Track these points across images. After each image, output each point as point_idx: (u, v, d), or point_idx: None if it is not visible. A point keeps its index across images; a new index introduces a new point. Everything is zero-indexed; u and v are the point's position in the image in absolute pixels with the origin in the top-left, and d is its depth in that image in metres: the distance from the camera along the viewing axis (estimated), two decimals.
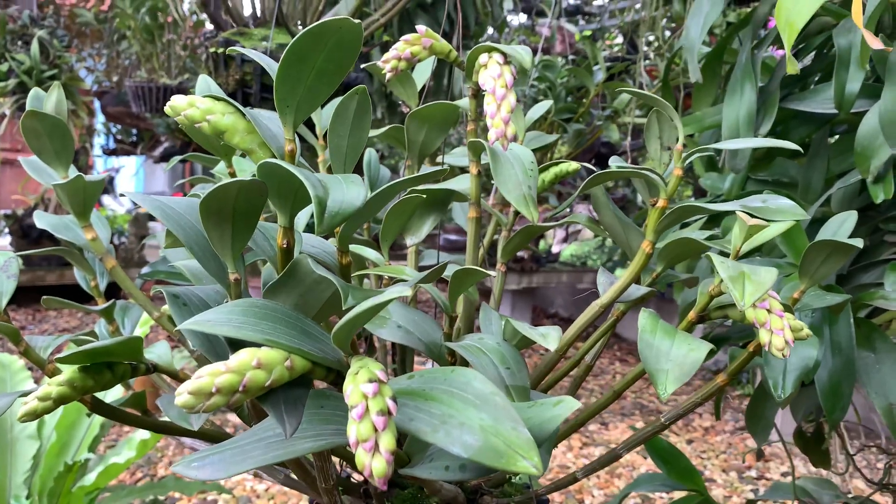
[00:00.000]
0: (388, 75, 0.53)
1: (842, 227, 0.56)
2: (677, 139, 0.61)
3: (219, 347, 0.38)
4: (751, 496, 2.41)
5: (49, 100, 0.59)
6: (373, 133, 0.65)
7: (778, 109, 0.86)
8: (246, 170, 0.56)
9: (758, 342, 0.50)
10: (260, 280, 0.45)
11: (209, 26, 1.90)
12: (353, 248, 0.52)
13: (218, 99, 0.34)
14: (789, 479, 1.97)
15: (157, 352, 0.48)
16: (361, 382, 0.26)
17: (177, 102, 0.34)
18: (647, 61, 1.81)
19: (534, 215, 0.50)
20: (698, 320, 0.47)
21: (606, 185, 0.63)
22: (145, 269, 0.69)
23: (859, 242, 0.48)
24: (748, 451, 2.67)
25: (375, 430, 0.25)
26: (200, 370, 0.27)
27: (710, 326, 0.97)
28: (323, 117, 0.72)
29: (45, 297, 0.55)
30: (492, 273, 0.52)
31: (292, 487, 0.61)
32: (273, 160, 0.28)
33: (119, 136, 3.33)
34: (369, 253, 0.54)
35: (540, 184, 0.63)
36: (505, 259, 0.63)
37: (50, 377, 0.49)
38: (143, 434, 1.19)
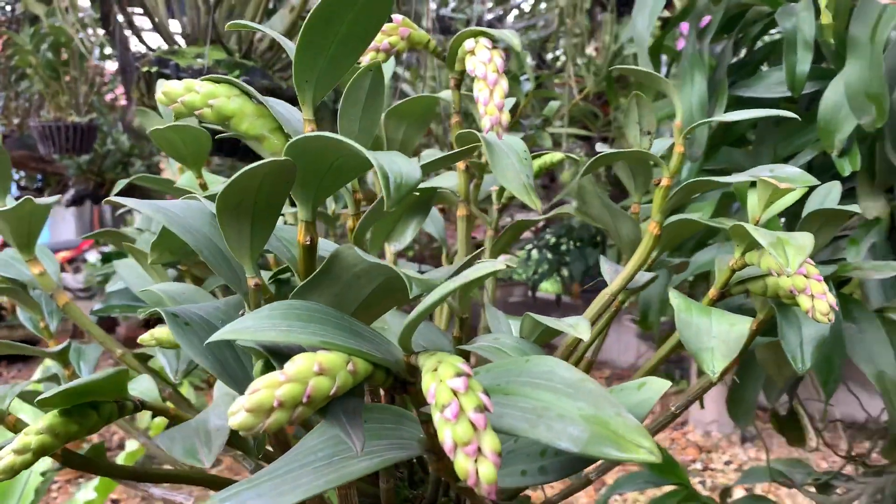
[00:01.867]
0: (381, 56, 0.49)
1: (828, 196, 0.55)
2: (657, 123, 0.60)
3: (231, 369, 0.33)
4: (699, 488, 2.45)
5: None
6: None
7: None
8: (214, 182, 0.51)
9: (759, 320, 0.49)
10: None
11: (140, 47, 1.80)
12: None
13: (219, 81, 0.30)
14: (758, 463, 2.01)
15: (141, 387, 0.43)
16: (448, 378, 0.22)
17: (172, 87, 0.30)
18: (576, 67, 1.84)
19: (536, 204, 0.48)
20: (719, 297, 0.45)
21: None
22: (97, 306, 0.63)
23: (855, 208, 0.48)
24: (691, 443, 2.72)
25: (475, 429, 0.22)
26: (254, 384, 0.22)
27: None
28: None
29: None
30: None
31: None
32: (317, 133, 0.24)
33: (23, 183, 3.14)
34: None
35: None
36: (494, 258, 0.60)
37: (12, 430, 0.43)
38: (89, 495, 1.09)
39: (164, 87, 0.30)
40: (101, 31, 2.33)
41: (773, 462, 1.05)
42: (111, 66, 2.62)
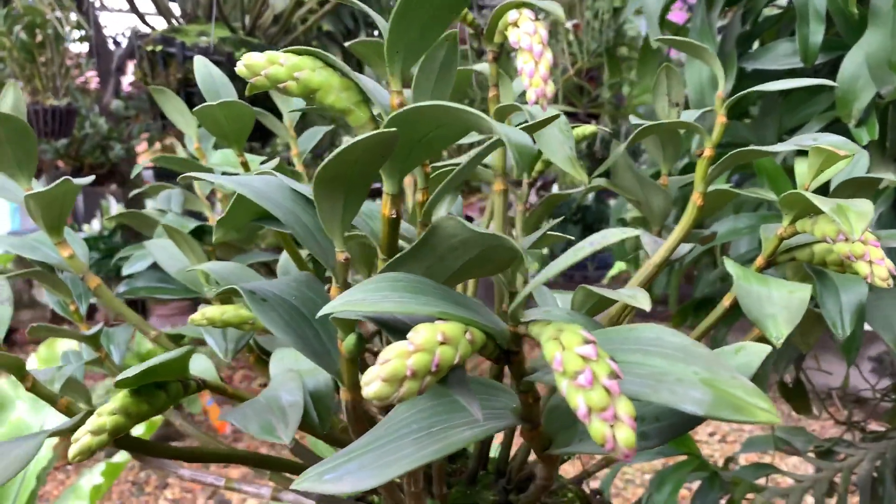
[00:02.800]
0: None
1: (857, 165, 0.56)
2: (686, 96, 0.60)
3: (311, 344, 0.33)
4: (705, 437, 2.51)
5: (6, 99, 0.51)
6: None
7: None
8: (254, 161, 0.50)
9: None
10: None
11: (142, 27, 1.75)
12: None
13: (302, 52, 0.29)
14: (759, 433, 2.05)
15: (199, 367, 0.42)
16: (576, 345, 0.23)
17: (254, 60, 0.29)
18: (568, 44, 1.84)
19: (583, 176, 0.48)
20: (766, 265, 0.45)
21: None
22: (122, 288, 0.62)
23: (889, 175, 0.49)
24: None
25: (610, 395, 0.22)
26: (385, 353, 0.22)
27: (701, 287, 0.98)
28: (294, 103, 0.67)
29: (32, 325, 0.47)
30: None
31: None
32: (431, 102, 0.24)
33: None
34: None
35: None
36: (527, 234, 0.60)
37: (64, 413, 0.42)
38: (95, 479, 1.08)
39: (246, 60, 0.29)
40: (73, 16, 2.27)
41: (776, 430, 1.08)
42: (77, 48, 2.55)
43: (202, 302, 0.57)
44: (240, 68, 0.29)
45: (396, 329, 0.26)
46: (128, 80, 2.84)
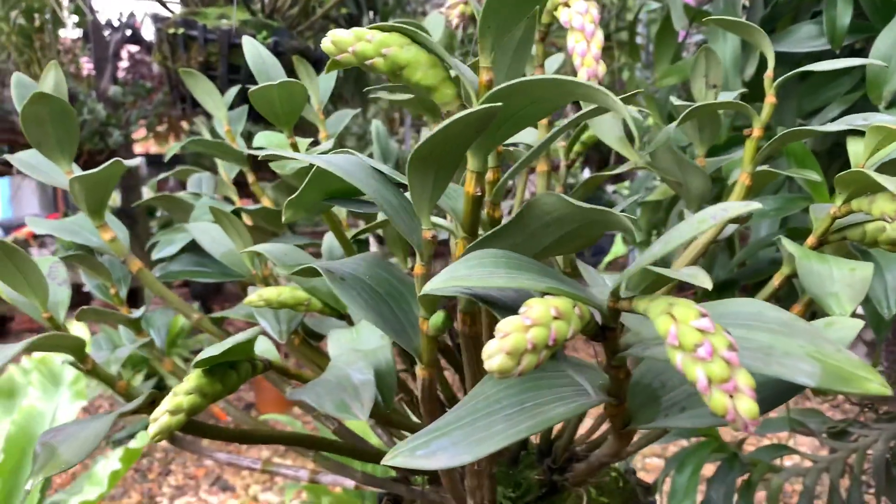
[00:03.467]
0: (455, 21, 0.49)
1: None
2: (727, 77, 0.60)
3: (390, 321, 0.33)
4: None
5: (46, 80, 0.50)
6: (401, 97, 0.59)
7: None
8: (303, 143, 0.50)
9: None
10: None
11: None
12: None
13: (388, 29, 0.29)
14: (773, 415, 2.07)
15: (260, 348, 0.42)
16: (691, 319, 0.23)
17: (341, 36, 0.29)
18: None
19: (635, 157, 0.48)
20: (817, 245, 0.46)
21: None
22: (157, 272, 0.61)
23: None
24: None
25: (730, 366, 0.22)
26: (502, 327, 0.22)
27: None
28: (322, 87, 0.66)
29: (82, 308, 0.47)
30: None
31: (371, 485, 0.56)
32: (542, 76, 0.24)
33: None
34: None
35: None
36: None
37: (122, 396, 0.42)
38: (113, 465, 1.08)
39: (332, 37, 0.29)
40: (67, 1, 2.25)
41: (792, 412, 1.09)
42: (69, 33, 2.52)
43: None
44: (326, 44, 0.29)
45: (499, 305, 0.26)
46: (123, 65, 2.81)
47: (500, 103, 0.24)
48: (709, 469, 1.00)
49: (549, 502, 0.53)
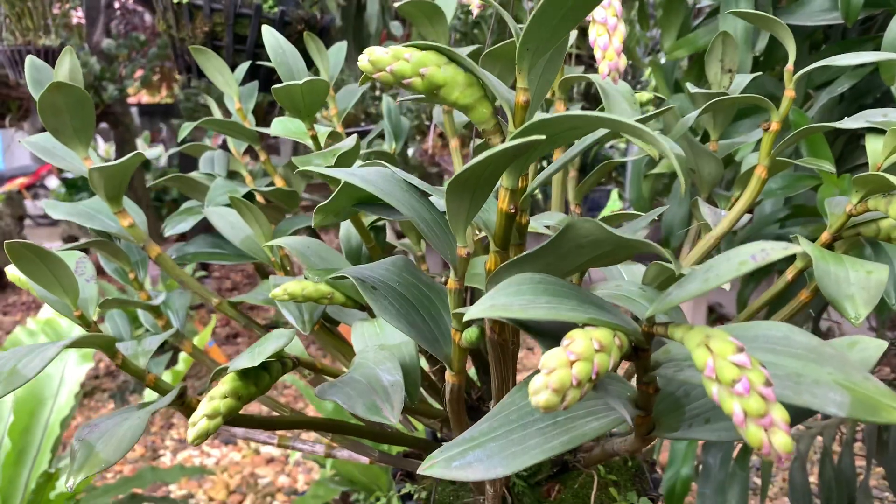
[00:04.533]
0: (476, 10, 0.48)
1: None
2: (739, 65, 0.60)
3: (421, 330, 0.34)
4: None
5: (62, 67, 0.50)
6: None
7: None
8: (323, 134, 0.50)
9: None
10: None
11: None
12: None
13: (426, 47, 0.29)
14: None
15: (287, 336, 0.43)
16: (729, 354, 0.23)
17: (378, 55, 0.29)
18: None
19: (654, 151, 0.48)
20: (831, 241, 0.46)
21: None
22: (172, 254, 0.62)
23: None
24: None
25: (766, 402, 0.23)
26: (545, 361, 0.23)
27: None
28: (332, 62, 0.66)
29: (105, 300, 0.47)
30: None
31: (387, 462, 0.58)
32: (584, 113, 0.24)
33: None
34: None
35: None
36: (578, 201, 0.60)
37: (152, 388, 0.43)
38: None
39: (370, 56, 0.29)
40: None
41: None
42: None
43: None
44: (363, 63, 0.29)
45: (535, 329, 0.27)
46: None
47: (542, 136, 0.25)
48: None
49: (560, 481, 0.55)
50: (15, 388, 0.32)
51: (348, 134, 0.55)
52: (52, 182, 5.37)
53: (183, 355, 1.39)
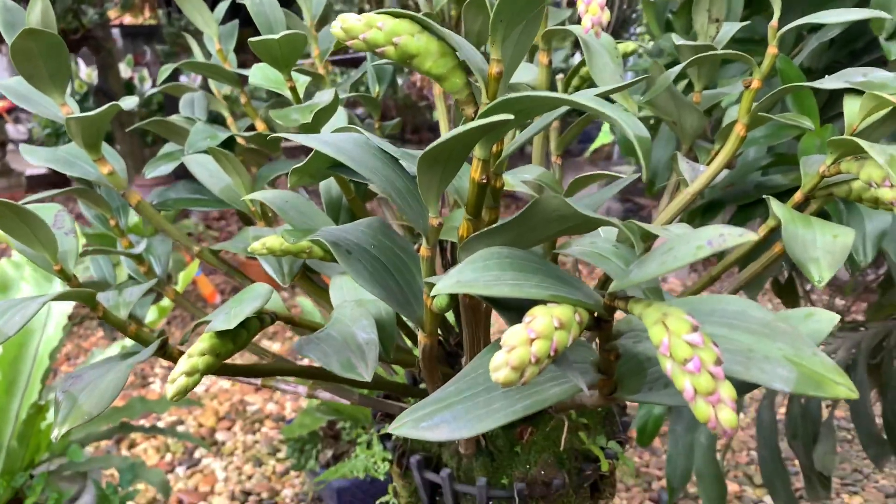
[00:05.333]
0: None
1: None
2: (728, 12, 0.59)
3: (395, 294, 0.34)
4: None
5: (34, 11, 0.49)
6: None
7: None
8: (303, 84, 0.49)
9: (811, 210, 0.52)
10: None
11: None
12: None
13: (399, 15, 0.29)
14: None
15: (265, 290, 0.44)
16: (684, 333, 0.24)
17: (351, 23, 0.28)
18: None
19: (633, 107, 0.48)
20: (804, 200, 0.47)
21: None
22: (153, 200, 0.62)
23: None
24: None
25: (715, 380, 0.24)
26: (507, 339, 0.24)
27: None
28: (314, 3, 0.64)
29: (85, 249, 0.48)
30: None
31: (366, 405, 0.59)
32: (546, 94, 0.24)
33: None
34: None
35: None
36: (559, 151, 0.60)
37: (133, 338, 0.44)
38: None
39: (343, 23, 0.28)
40: None
41: None
42: None
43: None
44: (336, 30, 0.29)
45: (503, 305, 0.28)
46: None
47: (510, 115, 0.25)
48: None
49: (533, 423, 0.57)
50: None
51: (335, 63, 0.55)
52: None
53: None
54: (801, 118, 0.52)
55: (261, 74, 0.51)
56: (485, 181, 0.31)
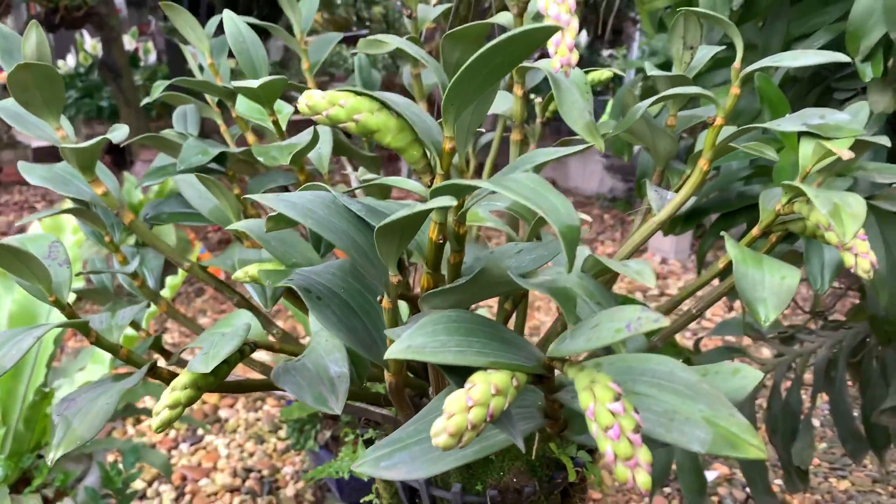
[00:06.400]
0: None
1: (857, 117, 0.59)
2: (701, 37, 0.61)
3: (361, 337, 0.37)
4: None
5: (28, 43, 0.51)
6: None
7: None
8: (286, 115, 0.52)
9: (777, 236, 0.54)
10: None
11: None
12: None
13: (360, 94, 0.31)
14: (732, 316, 2.18)
15: (246, 321, 0.47)
16: (607, 401, 0.27)
17: (315, 100, 0.31)
18: None
19: (600, 145, 0.50)
20: (762, 235, 0.49)
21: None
22: (148, 213, 0.64)
23: (885, 140, 0.51)
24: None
25: (634, 447, 0.27)
26: (446, 406, 0.27)
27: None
28: (305, 14, 0.66)
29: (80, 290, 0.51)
30: None
31: (350, 412, 0.62)
32: (482, 183, 0.27)
33: None
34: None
35: None
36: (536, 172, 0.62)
37: (125, 361, 0.47)
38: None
39: (308, 100, 0.31)
40: None
41: (745, 316, 1.16)
42: None
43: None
44: (301, 106, 0.31)
45: (449, 368, 0.30)
46: None
47: (453, 202, 0.27)
48: None
49: None
50: None
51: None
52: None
53: (176, 275, 1.43)
54: (765, 148, 0.54)
55: (246, 105, 0.54)
56: (441, 241, 0.33)
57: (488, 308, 1.61)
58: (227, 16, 0.48)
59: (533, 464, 0.60)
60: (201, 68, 0.73)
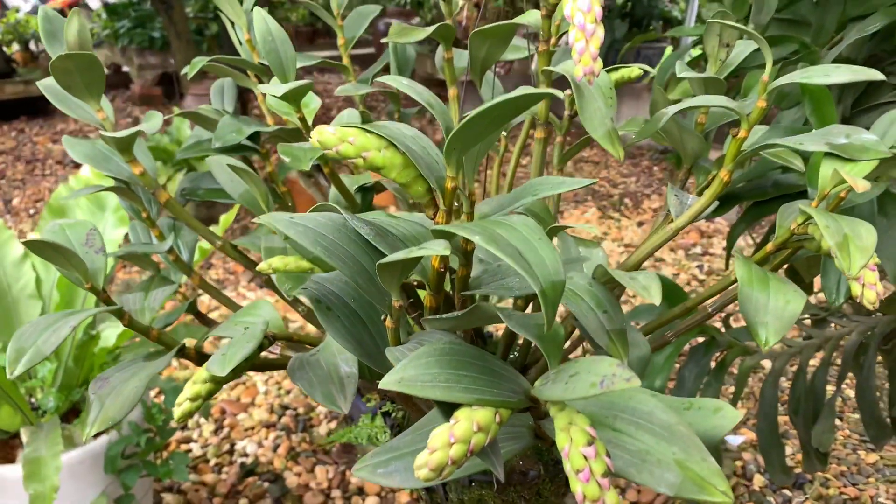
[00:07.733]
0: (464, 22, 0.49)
1: (891, 127, 0.57)
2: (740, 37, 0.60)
3: (367, 347, 0.39)
4: (696, 272, 2.63)
5: (70, 29, 0.53)
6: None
7: None
8: (310, 106, 0.53)
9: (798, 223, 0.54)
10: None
11: None
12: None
13: (369, 132, 0.33)
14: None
15: (266, 316, 0.49)
16: (580, 445, 0.29)
17: (326, 137, 0.32)
18: None
19: (620, 153, 0.50)
20: (776, 250, 0.50)
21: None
22: (185, 186, 0.67)
23: None
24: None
25: (602, 490, 0.29)
26: (431, 441, 0.29)
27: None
28: None
29: (119, 251, 0.54)
30: None
31: (365, 388, 0.66)
32: (479, 237, 0.28)
33: None
34: None
35: None
36: (560, 166, 0.63)
37: (157, 342, 0.50)
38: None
39: (319, 136, 0.32)
40: None
41: None
42: None
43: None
44: (313, 141, 0.33)
45: (437, 401, 0.32)
46: None
47: (446, 251, 0.29)
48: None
49: None
50: (34, 364, 0.40)
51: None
52: (95, 2, 5.32)
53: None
54: (791, 157, 0.53)
55: (275, 100, 0.55)
56: (442, 270, 0.35)
57: None
58: (258, 14, 0.49)
59: (540, 448, 0.62)
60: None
